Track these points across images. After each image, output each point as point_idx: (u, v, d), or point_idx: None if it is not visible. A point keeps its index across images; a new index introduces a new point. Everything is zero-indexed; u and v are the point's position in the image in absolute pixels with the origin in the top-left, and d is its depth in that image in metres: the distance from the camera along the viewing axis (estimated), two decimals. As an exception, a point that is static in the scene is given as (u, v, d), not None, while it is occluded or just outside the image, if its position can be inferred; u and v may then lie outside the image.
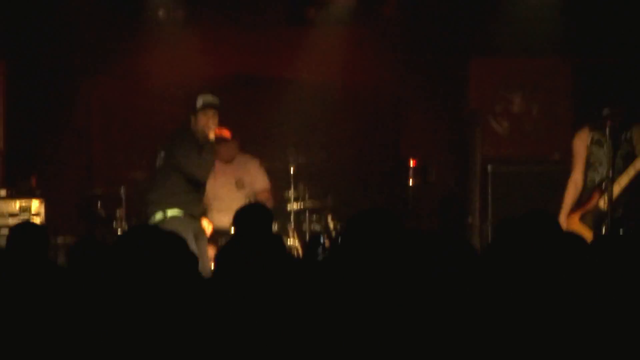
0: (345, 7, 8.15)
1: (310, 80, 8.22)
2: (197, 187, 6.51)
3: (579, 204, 6.07)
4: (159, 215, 6.40)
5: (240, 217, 5.06)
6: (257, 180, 7.44)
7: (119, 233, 7.40)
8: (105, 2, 8.13)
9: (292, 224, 7.38)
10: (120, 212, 7.62)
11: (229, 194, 7.23)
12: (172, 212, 6.38)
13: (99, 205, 7.82)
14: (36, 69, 8.21)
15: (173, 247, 2.46)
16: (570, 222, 6.00)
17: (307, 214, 7.49)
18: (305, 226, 7.47)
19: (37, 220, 7.73)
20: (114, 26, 8.18)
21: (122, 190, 7.60)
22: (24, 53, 8.20)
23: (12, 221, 7.68)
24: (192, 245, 5.83)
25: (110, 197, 7.81)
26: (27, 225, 5.17)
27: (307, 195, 7.53)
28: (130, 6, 8.18)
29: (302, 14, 8.19)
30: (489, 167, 7.92)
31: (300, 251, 7.18)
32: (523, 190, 7.68)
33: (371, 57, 8.22)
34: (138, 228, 3.31)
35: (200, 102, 6.40)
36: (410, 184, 7.98)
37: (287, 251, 5.09)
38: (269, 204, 6.92)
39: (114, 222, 7.58)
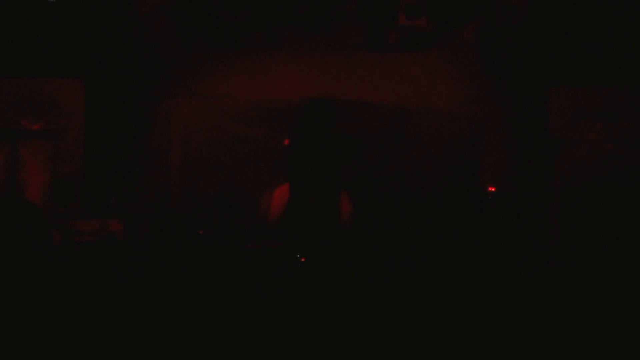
0: (425, 33, 8.17)
1: (389, 104, 8.24)
2: None
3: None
4: None
5: None
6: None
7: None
8: (186, 24, 8.18)
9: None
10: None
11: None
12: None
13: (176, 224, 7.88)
14: (115, 88, 8.24)
15: None
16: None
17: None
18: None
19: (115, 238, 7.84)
20: (194, 48, 8.23)
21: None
22: (103, 71, 8.23)
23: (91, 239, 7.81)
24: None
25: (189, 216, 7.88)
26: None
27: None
28: (210, 29, 8.22)
29: (383, 39, 8.22)
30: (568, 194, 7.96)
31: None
32: (601, 217, 7.76)
33: (450, 83, 8.23)
34: None
35: None
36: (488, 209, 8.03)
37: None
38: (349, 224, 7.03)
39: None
